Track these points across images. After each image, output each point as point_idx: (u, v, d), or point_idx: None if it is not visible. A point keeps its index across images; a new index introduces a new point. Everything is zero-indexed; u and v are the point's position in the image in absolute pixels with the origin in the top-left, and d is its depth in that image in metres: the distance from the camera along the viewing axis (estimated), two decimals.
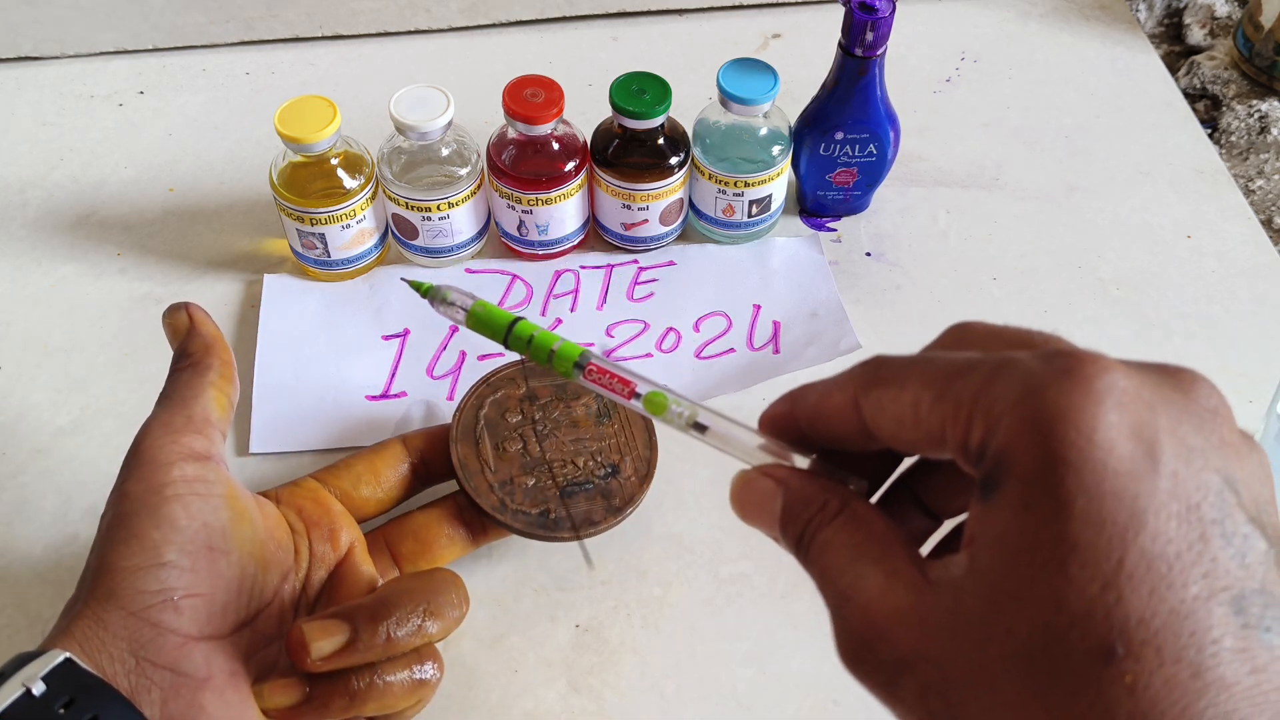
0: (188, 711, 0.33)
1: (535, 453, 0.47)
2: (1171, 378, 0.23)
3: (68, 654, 0.32)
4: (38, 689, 0.31)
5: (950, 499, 0.29)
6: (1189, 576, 0.21)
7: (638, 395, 0.31)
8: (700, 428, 0.30)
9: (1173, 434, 0.22)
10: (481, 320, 0.34)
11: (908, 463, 0.30)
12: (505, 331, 0.33)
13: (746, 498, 0.28)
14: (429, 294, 0.35)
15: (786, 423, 0.29)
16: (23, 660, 0.32)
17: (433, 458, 0.46)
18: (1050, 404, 0.21)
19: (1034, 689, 0.21)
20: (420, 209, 0.55)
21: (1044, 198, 0.64)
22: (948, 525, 0.29)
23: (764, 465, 0.29)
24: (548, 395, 0.49)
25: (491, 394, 0.49)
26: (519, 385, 0.49)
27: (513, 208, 0.56)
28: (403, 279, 0.59)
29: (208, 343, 0.41)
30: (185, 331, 0.41)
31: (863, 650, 0.24)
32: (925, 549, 0.28)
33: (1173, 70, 0.73)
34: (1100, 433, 0.21)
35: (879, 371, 0.26)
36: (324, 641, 0.36)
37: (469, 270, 0.59)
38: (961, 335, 0.26)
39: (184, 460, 0.37)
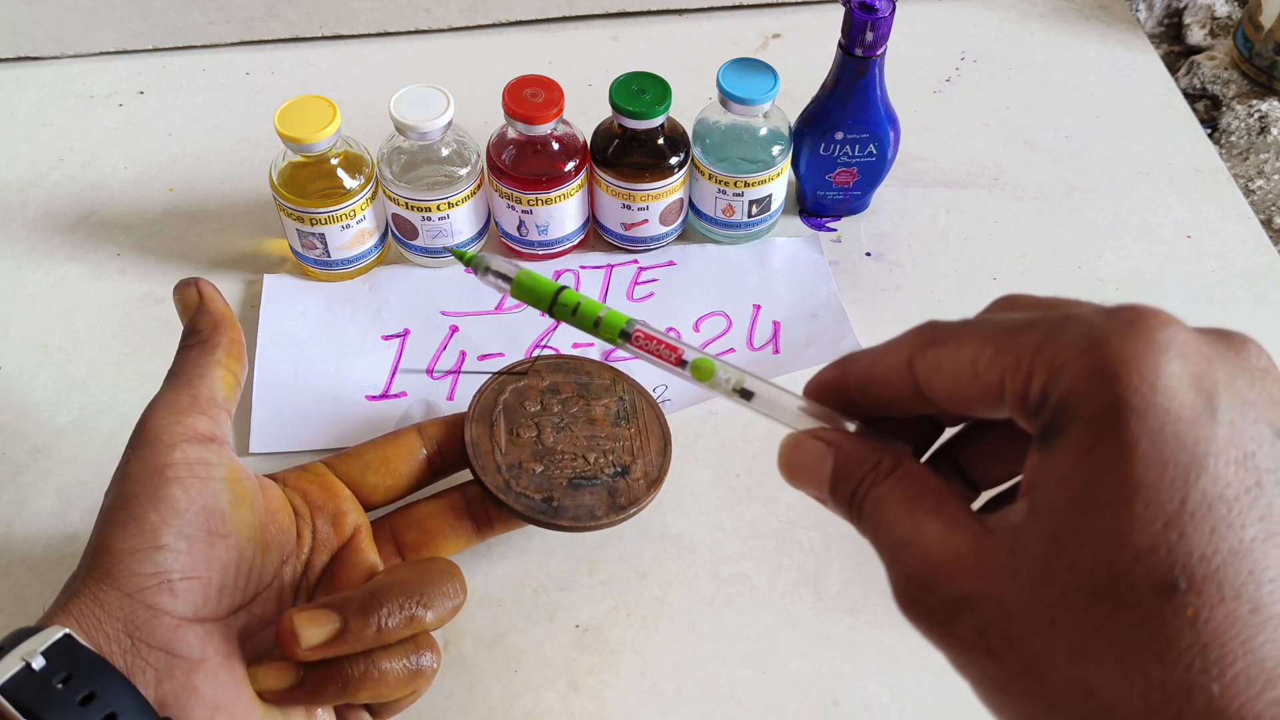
0: (181, 693, 0.33)
1: (548, 442, 0.47)
2: (1226, 337, 0.24)
3: (67, 630, 0.32)
4: (37, 663, 0.31)
5: (991, 468, 0.30)
6: (1246, 519, 0.22)
7: (684, 362, 0.31)
8: (746, 394, 0.31)
9: (1229, 386, 0.23)
10: (526, 288, 0.34)
11: (950, 433, 0.30)
12: (550, 300, 0.33)
13: (796, 459, 0.29)
14: (472, 263, 0.35)
15: (834, 389, 0.29)
16: (22, 635, 0.32)
17: (449, 446, 0.46)
18: (1115, 352, 0.22)
19: (1096, 622, 0.22)
20: (420, 209, 0.55)
21: (1044, 198, 0.64)
22: (984, 496, 0.30)
23: (813, 429, 0.29)
24: (570, 390, 0.49)
25: (515, 381, 0.49)
26: (543, 378, 0.49)
27: (513, 208, 0.56)
28: (446, 247, 0.58)
29: (216, 320, 0.41)
30: (195, 307, 0.41)
31: (921, 592, 0.25)
32: None
33: (1173, 70, 0.73)
34: (1163, 380, 0.22)
35: (935, 332, 0.26)
36: (313, 631, 0.36)
37: (469, 270, 0.59)
38: (1011, 304, 0.28)
39: (187, 441, 0.37)
